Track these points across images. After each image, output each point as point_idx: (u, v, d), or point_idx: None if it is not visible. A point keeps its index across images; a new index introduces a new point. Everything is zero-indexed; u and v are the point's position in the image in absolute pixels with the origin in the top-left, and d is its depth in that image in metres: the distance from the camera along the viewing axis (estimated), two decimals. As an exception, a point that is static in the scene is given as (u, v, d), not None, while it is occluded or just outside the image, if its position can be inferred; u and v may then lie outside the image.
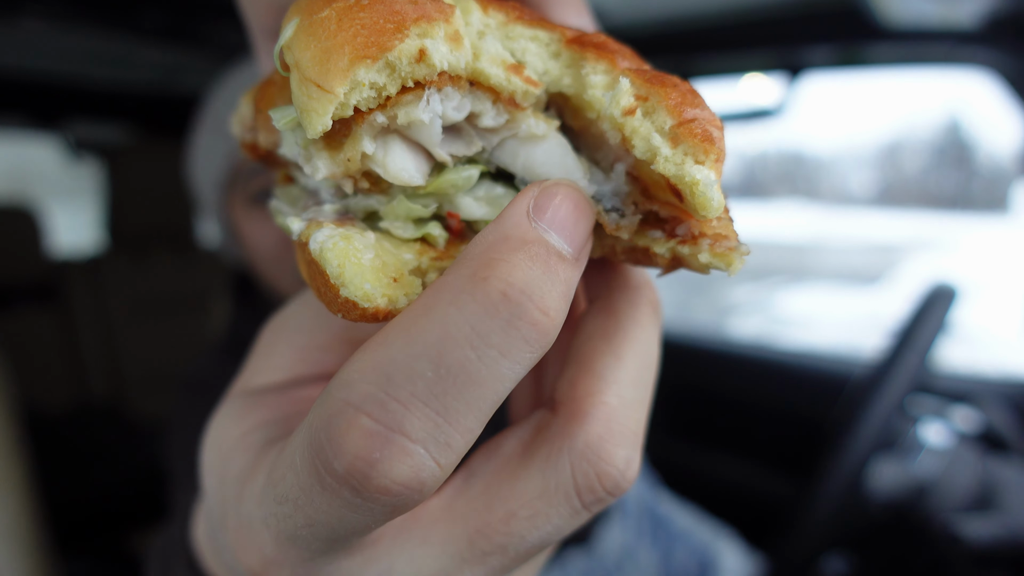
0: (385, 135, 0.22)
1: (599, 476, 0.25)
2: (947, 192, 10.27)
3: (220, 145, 0.76)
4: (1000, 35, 1.11)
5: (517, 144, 0.22)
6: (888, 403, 0.74)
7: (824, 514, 0.71)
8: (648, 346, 0.27)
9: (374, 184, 0.23)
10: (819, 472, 0.72)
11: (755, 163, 25.11)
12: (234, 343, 0.87)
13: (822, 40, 1.27)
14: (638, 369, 0.27)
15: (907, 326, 0.80)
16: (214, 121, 0.78)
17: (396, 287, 0.22)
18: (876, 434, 0.73)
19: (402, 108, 0.21)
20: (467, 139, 0.22)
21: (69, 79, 2.13)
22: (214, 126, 0.77)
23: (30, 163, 3.79)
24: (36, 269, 2.10)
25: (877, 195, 17.77)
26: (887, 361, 0.81)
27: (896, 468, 0.82)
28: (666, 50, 1.45)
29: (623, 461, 0.25)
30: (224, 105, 0.77)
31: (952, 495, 0.83)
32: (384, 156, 0.22)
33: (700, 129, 0.22)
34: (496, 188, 0.23)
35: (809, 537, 0.71)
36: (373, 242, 0.22)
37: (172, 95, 2.39)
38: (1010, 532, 0.73)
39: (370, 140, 0.21)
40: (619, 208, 0.25)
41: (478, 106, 0.22)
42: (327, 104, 0.20)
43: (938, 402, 1.34)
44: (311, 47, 0.20)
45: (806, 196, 22.31)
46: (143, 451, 1.92)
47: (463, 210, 0.23)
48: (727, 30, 1.34)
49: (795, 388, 1.53)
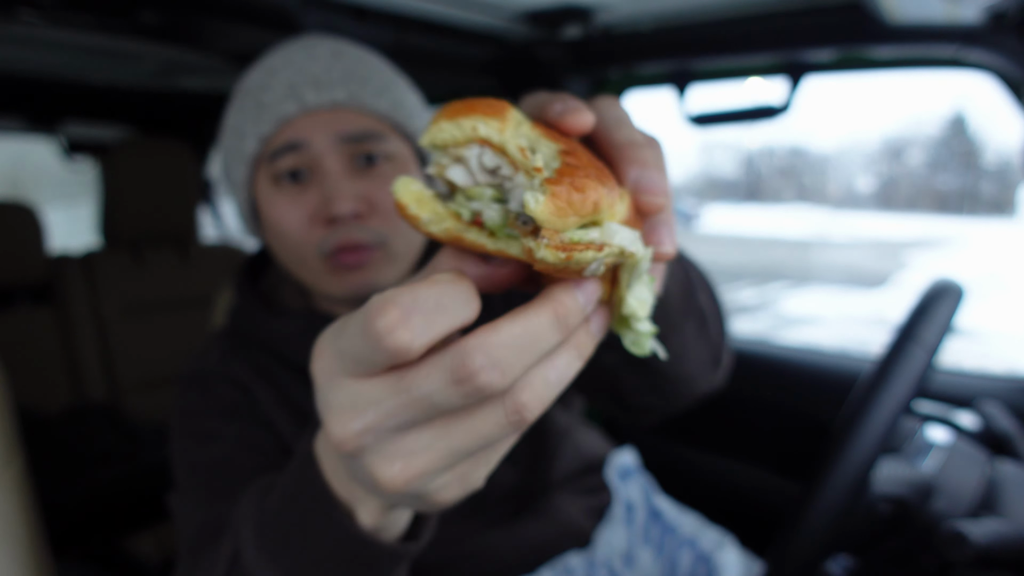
0: (453, 160, 0.38)
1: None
2: (953, 191, 10.20)
3: (251, 123, 0.75)
4: (1003, 33, 1.10)
5: (514, 188, 0.37)
6: (893, 403, 0.73)
7: (827, 516, 0.70)
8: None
9: (450, 184, 0.39)
10: (822, 474, 0.71)
11: (759, 162, 25.05)
12: (234, 331, 0.85)
13: (826, 39, 1.26)
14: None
15: (913, 325, 0.79)
16: (247, 98, 0.76)
17: (426, 211, 0.38)
18: (881, 435, 0.72)
19: (462, 148, 0.38)
20: (492, 176, 0.38)
21: (63, 79, 2.12)
22: (248, 104, 0.76)
23: (24, 164, 3.80)
24: (34, 267, 2.09)
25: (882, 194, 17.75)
26: (893, 361, 0.80)
27: (900, 469, 0.81)
28: (668, 50, 1.44)
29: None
30: (257, 85, 0.76)
31: (957, 496, 0.82)
32: (450, 170, 0.38)
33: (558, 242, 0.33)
34: (496, 206, 0.37)
35: (812, 539, 0.70)
36: (431, 193, 0.39)
37: (168, 95, 2.38)
38: (1016, 534, 0.72)
39: (447, 159, 0.38)
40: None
41: (500, 162, 0.37)
42: (430, 132, 0.38)
43: (943, 402, 1.33)
44: (444, 110, 0.38)
45: (811, 195, 22.24)
46: (141, 452, 1.91)
47: (483, 211, 0.38)
48: (730, 30, 1.33)
49: (799, 388, 1.52)
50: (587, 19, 1.42)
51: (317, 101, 0.72)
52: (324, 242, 0.73)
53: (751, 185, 22.66)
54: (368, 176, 0.74)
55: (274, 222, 0.74)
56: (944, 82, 17.50)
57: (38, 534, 0.88)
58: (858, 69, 1.39)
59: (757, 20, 1.28)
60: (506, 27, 1.51)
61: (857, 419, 0.72)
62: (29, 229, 2.05)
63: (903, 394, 0.73)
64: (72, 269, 2.19)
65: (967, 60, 1.21)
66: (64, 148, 2.79)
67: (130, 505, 1.76)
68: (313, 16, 1.27)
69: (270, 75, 0.74)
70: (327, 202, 0.71)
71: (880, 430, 0.71)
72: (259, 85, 0.75)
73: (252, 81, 0.77)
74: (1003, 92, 1.22)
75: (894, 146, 21.74)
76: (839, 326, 6.70)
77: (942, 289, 0.81)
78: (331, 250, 0.73)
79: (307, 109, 0.72)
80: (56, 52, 1.66)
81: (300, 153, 0.72)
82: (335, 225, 0.72)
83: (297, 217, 0.73)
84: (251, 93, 0.75)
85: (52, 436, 1.87)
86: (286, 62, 0.74)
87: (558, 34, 1.53)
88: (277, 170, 0.74)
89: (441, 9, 1.38)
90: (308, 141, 0.72)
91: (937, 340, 0.76)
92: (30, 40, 1.49)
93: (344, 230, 0.72)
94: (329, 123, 0.72)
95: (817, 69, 1.38)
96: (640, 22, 1.44)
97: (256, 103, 0.74)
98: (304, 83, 0.72)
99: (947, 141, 20.64)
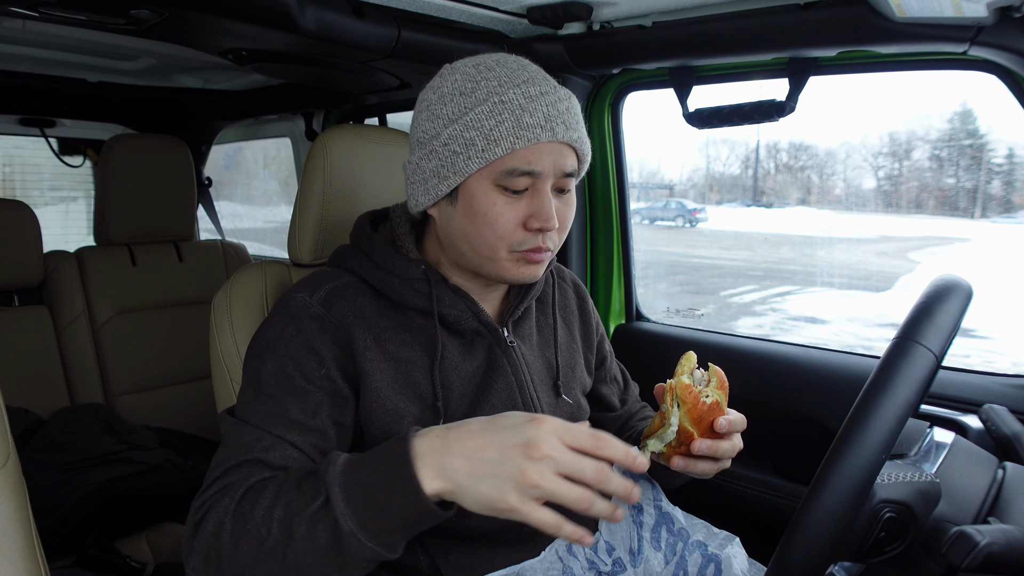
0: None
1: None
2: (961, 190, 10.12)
3: (508, 135, 0.88)
4: (1012, 29, 1.08)
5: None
6: (898, 406, 0.71)
7: (831, 521, 0.69)
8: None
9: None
10: (826, 477, 0.70)
11: (764, 161, 25.00)
12: (345, 270, 1.01)
13: (831, 36, 1.24)
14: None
15: (920, 325, 0.78)
16: (505, 111, 0.89)
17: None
18: (885, 438, 0.70)
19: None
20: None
21: (56, 76, 2.11)
22: (506, 116, 0.88)
23: (19, 165, 3.79)
24: (29, 266, 2.08)
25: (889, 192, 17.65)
26: (898, 362, 0.78)
27: (905, 473, 0.79)
28: (670, 47, 1.43)
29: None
30: (518, 104, 0.88)
31: (963, 501, 0.80)
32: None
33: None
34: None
35: (815, 544, 0.69)
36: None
37: (162, 93, 2.36)
38: (1022, 539, 0.71)
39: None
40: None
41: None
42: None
43: (950, 404, 1.31)
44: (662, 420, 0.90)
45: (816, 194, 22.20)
46: (134, 453, 1.90)
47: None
48: (733, 26, 1.31)
49: (803, 389, 1.50)
50: (588, 15, 1.40)
51: (562, 138, 0.90)
52: (522, 243, 0.92)
53: (756, 183, 22.57)
54: (560, 199, 0.94)
55: (489, 217, 0.90)
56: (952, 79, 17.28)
57: (31, 536, 0.87)
58: (864, 68, 1.37)
59: (761, 17, 1.26)
60: (506, 23, 1.50)
61: (861, 421, 0.71)
62: (25, 227, 2.04)
63: (909, 396, 0.71)
64: (66, 268, 2.17)
65: (975, 57, 1.20)
66: (56, 146, 2.78)
67: (124, 506, 1.75)
68: (311, 12, 1.26)
69: (529, 100, 0.88)
70: (539, 216, 0.90)
71: (885, 433, 0.70)
72: (520, 105, 0.88)
73: (511, 98, 0.88)
74: (1012, 90, 1.21)
75: (901, 144, 21.60)
76: (844, 325, 6.69)
77: (949, 287, 0.79)
78: (525, 249, 0.92)
79: (555, 140, 0.90)
80: (50, 49, 1.65)
81: (533, 178, 0.90)
82: (535, 232, 0.91)
83: (509, 219, 0.90)
84: (509, 108, 0.88)
85: (45, 436, 1.86)
86: (540, 92, 0.89)
87: (559, 30, 1.52)
88: (508, 183, 0.89)
89: (441, 4, 1.37)
90: (542, 171, 0.89)
91: (944, 340, 0.75)
92: (23, 37, 1.49)
93: (540, 237, 0.92)
94: (560, 157, 0.91)
95: (822, 68, 1.37)
96: (641, 18, 1.42)
97: (516, 120, 0.87)
98: (556, 118, 0.89)
99: (955, 139, 20.56)
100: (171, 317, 2.33)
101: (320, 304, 0.93)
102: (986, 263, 7.57)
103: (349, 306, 0.94)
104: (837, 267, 9.69)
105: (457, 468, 0.69)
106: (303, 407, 0.87)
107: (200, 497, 0.81)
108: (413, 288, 0.96)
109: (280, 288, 1.20)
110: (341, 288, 0.96)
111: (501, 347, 1.01)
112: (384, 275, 0.97)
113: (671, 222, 9.80)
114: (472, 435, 0.71)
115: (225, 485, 0.80)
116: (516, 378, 1.01)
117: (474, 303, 0.98)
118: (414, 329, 0.97)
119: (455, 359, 0.98)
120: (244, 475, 0.81)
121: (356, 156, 1.23)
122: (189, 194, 2.40)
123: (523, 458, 0.67)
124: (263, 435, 0.84)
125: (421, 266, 0.97)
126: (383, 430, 0.92)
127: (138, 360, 2.25)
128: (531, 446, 0.68)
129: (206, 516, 0.77)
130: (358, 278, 0.99)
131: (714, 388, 0.87)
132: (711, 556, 0.91)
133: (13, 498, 0.86)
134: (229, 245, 2.56)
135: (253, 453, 0.83)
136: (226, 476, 0.81)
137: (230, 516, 0.75)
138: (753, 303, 7.79)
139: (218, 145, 2.98)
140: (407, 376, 0.94)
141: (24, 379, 2.02)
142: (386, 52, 1.43)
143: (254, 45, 1.46)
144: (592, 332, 1.20)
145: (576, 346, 1.15)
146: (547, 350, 1.10)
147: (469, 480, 0.69)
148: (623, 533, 0.95)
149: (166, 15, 1.23)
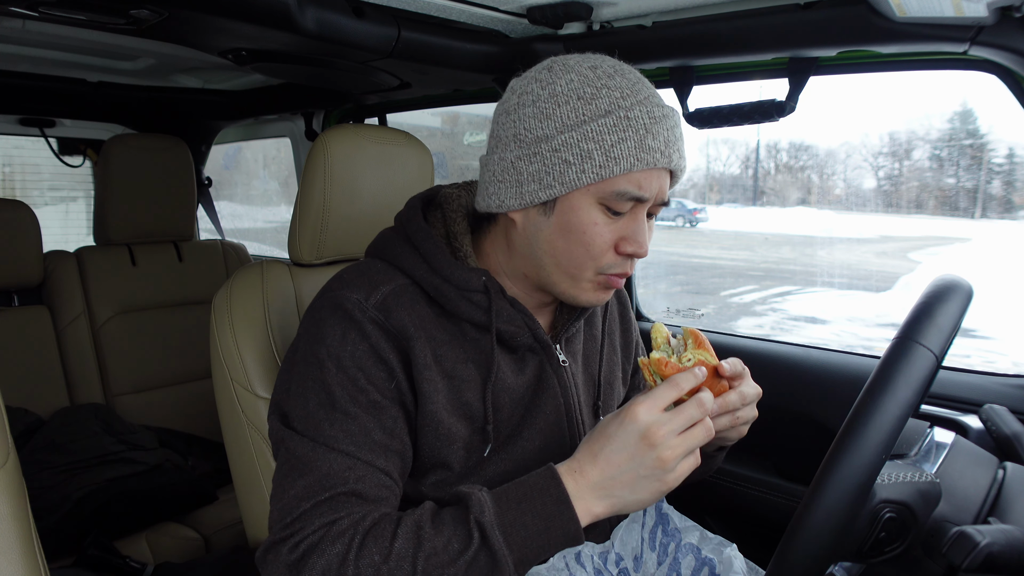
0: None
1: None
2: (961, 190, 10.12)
3: (630, 155, 0.82)
4: (1012, 29, 1.08)
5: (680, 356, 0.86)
6: (898, 406, 0.71)
7: (831, 521, 0.69)
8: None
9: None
10: (826, 477, 0.70)
11: (764, 161, 25.02)
12: (402, 274, 0.91)
13: (832, 36, 1.23)
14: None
15: (920, 325, 0.77)
16: (630, 128, 0.82)
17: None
18: (886, 437, 0.70)
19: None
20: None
21: (56, 76, 2.10)
22: (631, 135, 0.82)
23: (19, 165, 3.79)
24: (30, 266, 2.07)
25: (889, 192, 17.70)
26: (898, 362, 0.78)
27: (906, 473, 0.79)
28: (670, 47, 1.43)
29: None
30: (643, 124, 0.83)
31: (964, 501, 0.80)
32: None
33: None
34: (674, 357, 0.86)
35: (815, 545, 0.69)
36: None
37: (162, 93, 2.36)
38: (1022, 539, 0.71)
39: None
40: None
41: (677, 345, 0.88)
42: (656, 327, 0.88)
43: (950, 404, 1.31)
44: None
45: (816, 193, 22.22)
46: (134, 453, 1.90)
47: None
48: (734, 26, 1.30)
49: (803, 389, 1.50)
50: (588, 15, 1.40)
51: (674, 165, 0.86)
52: (611, 266, 0.87)
53: (756, 183, 22.58)
54: (648, 224, 0.90)
55: (587, 236, 0.85)
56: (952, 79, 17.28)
57: (31, 536, 0.87)
58: (864, 68, 1.37)
59: (761, 17, 1.25)
60: (506, 23, 1.50)
61: (861, 421, 0.71)
62: (25, 227, 2.03)
63: (909, 396, 0.71)
64: (66, 268, 2.16)
65: (975, 57, 1.20)
66: (56, 146, 2.77)
67: (124, 506, 1.75)
68: (311, 12, 1.26)
69: (654, 122, 0.83)
70: (633, 241, 0.86)
71: (885, 433, 0.70)
72: (644, 125, 0.82)
73: (636, 116, 0.82)
74: (1012, 89, 1.20)
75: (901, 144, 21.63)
76: (845, 326, 6.68)
77: (950, 287, 0.79)
78: (612, 273, 0.88)
79: (668, 167, 0.86)
80: (50, 49, 1.65)
81: (637, 202, 0.85)
82: (625, 257, 0.87)
83: (605, 240, 0.85)
84: (634, 126, 0.82)
85: (45, 436, 1.86)
86: (663, 114, 0.84)
87: (559, 30, 1.52)
88: (614, 204, 0.84)
89: (441, 4, 1.37)
90: (649, 197, 0.85)
91: (945, 341, 0.75)
92: (23, 37, 1.48)
93: (629, 263, 0.88)
94: (664, 183, 0.87)
95: (822, 68, 1.37)
96: (641, 18, 1.42)
97: (639, 142, 0.82)
98: (674, 144, 0.85)
99: (955, 139, 20.60)
100: (171, 317, 2.33)
101: (377, 309, 0.85)
102: (986, 263, 7.56)
103: (408, 315, 0.86)
104: (837, 267, 9.68)
105: (611, 492, 0.78)
106: (383, 426, 0.82)
107: (287, 529, 0.76)
108: (471, 301, 0.88)
109: (280, 288, 1.20)
110: (399, 292, 0.88)
111: (553, 366, 0.95)
112: (440, 282, 0.88)
113: (671, 222, 9.79)
114: (598, 461, 0.78)
115: (327, 525, 0.75)
116: (565, 400, 0.96)
117: (532, 319, 0.92)
118: (467, 343, 0.90)
119: (507, 377, 0.91)
120: (346, 514, 0.76)
121: (356, 156, 1.23)
122: (189, 194, 2.39)
123: (649, 448, 0.76)
124: (354, 463, 0.79)
125: (482, 277, 0.89)
126: (432, 453, 0.87)
127: (138, 360, 2.25)
128: (648, 435, 0.76)
129: (310, 561, 0.73)
130: (411, 280, 0.90)
131: (692, 350, 0.84)
132: (705, 560, 0.91)
133: (13, 498, 0.85)
134: (229, 245, 2.56)
135: (348, 485, 0.77)
136: (321, 513, 0.76)
137: (351, 567, 0.72)
138: (753, 303, 7.78)
139: (218, 145, 2.98)
140: (460, 396, 0.88)
141: (24, 379, 2.02)
142: (386, 52, 1.43)
143: (254, 45, 1.46)
144: (631, 340, 1.16)
145: (616, 358, 1.11)
146: (591, 365, 1.05)
147: (628, 493, 0.78)
148: (633, 543, 0.95)
149: (166, 15, 1.23)
